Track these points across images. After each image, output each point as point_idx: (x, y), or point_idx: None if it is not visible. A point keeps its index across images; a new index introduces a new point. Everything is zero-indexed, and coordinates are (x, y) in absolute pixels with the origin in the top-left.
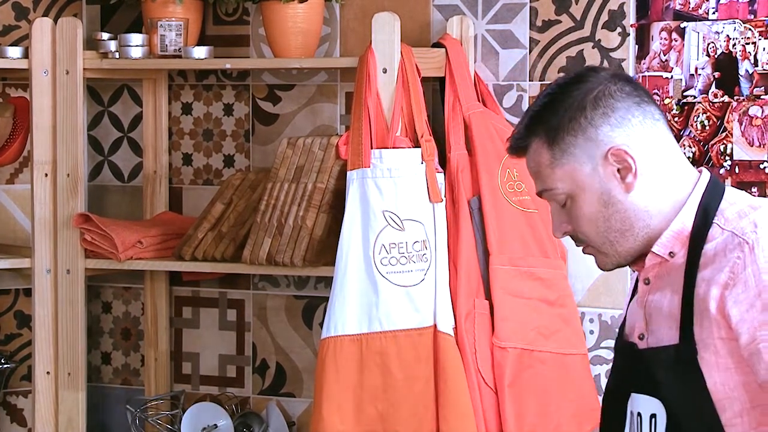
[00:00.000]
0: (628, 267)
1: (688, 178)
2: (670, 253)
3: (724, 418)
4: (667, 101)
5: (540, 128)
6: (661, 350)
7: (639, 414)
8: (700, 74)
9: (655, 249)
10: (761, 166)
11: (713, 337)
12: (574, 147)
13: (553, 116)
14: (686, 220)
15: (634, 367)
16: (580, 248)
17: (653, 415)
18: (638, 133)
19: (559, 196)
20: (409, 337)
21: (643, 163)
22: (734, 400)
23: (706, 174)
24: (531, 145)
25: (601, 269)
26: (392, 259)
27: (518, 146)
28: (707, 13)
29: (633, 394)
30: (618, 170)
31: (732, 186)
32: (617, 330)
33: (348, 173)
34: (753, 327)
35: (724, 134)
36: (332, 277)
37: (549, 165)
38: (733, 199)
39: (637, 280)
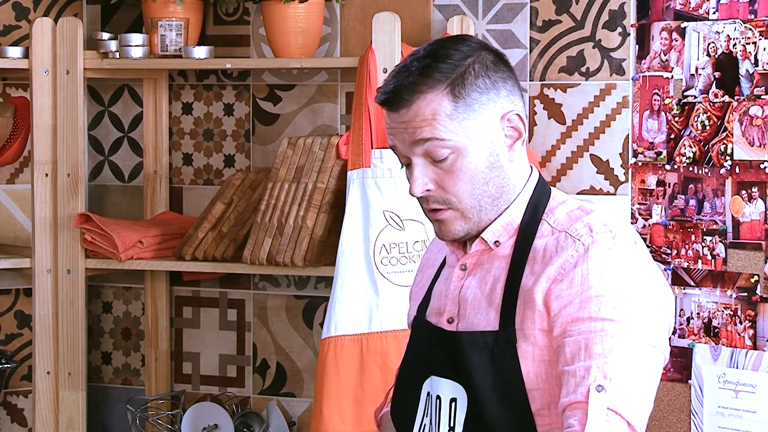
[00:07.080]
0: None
1: (527, 171)
2: (496, 242)
3: (533, 408)
4: (667, 101)
5: (440, 80)
6: (478, 335)
7: (438, 397)
8: (700, 74)
9: (485, 235)
10: (762, 166)
11: (534, 329)
12: (478, 104)
13: (455, 69)
14: (517, 213)
15: (439, 350)
16: (432, 211)
17: (454, 399)
18: (522, 107)
19: (443, 149)
20: None
21: (524, 137)
22: (544, 391)
23: (536, 171)
24: (425, 95)
25: (441, 238)
26: (392, 258)
27: (404, 97)
28: (708, 13)
29: (433, 377)
30: (509, 136)
31: (733, 186)
32: (416, 309)
33: (348, 173)
34: (566, 321)
35: (724, 134)
36: (332, 277)
37: (449, 116)
38: (561, 198)
39: (443, 264)
